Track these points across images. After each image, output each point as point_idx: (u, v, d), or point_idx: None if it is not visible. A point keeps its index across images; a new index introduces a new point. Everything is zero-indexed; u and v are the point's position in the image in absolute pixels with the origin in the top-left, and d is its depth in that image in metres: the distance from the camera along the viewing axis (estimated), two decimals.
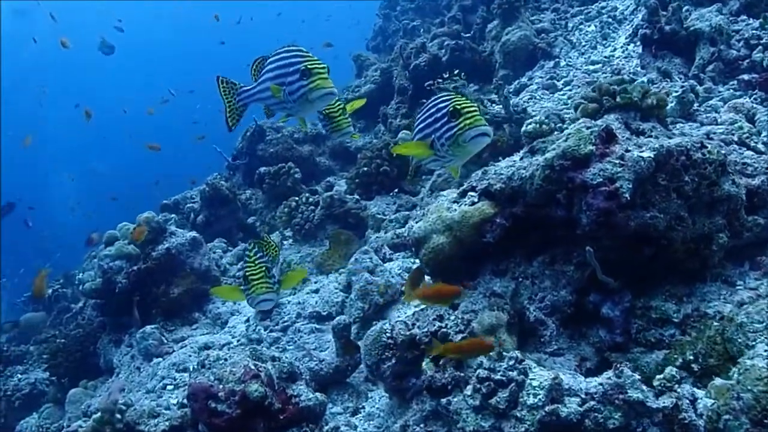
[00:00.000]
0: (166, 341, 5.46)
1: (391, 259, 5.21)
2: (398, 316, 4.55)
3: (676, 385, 2.92)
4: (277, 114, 3.24)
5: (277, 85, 2.91)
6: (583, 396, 2.95)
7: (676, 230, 3.23)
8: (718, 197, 3.34)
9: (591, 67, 5.57)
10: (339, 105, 3.51)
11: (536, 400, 2.90)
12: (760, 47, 4.59)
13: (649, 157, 3.14)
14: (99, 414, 4.58)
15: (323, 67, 2.82)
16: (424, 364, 3.30)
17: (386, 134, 6.90)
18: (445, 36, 7.11)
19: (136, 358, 5.54)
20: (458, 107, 2.44)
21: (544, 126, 3.47)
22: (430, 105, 2.61)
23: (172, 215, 6.20)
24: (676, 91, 4.28)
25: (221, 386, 3.61)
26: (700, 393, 2.88)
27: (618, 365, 2.94)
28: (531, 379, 2.97)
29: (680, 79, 4.73)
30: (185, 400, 4.65)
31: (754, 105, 4.13)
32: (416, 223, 3.66)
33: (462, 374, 3.21)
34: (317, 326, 5.07)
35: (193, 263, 5.83)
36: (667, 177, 3.22)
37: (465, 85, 5.89)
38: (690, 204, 3.30)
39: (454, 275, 3.62)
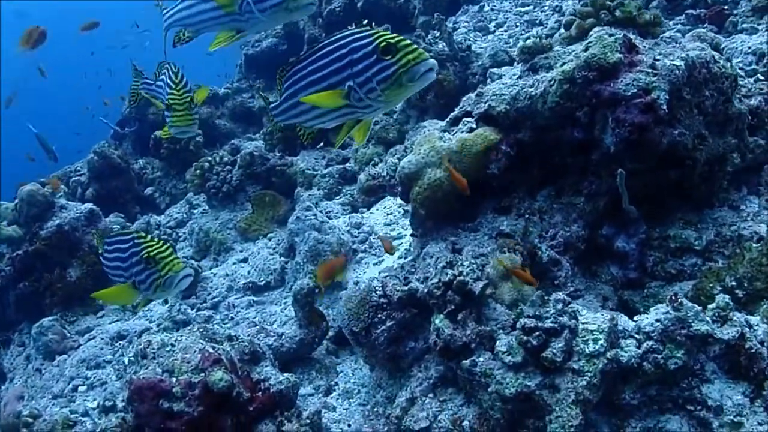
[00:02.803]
0: (69, 334, 4.31)
1: (329, 218, 4.42)
2: (358, 276, 3.80)
3: (731, 314, 2.46)
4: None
5: None
6: (638, 336, 2.40)
7: (699, 150, 2.76)
8: (731, 115, 2.92)
9: (522, 9, 5.09)
10: (186, 96, 2.82)
11: (597, 347, 2.30)
12: None
13: (682, 65, 2.63)
14: None
15: None
16: (437, 321, 2.59)
17: None
18: None
19: (33, 358, 4.34)
20: (391, 41, 1.80)
21: (543, 41, 2.85)
22: (335, 46, 1.91)
23: (61, 187, 4.99)
24: None
25: (174, 379, 2.68)
26: (754, 319, 2.44)
27: (674, 297, 2.42)
28: (584, 324, 2.37)
29: None
30: (115, 403, 3.64)
31: (716, 36, 3.78)
32: (403, 158, 2.92)
33: (487, 329, 2.55)
34: (255, 298, 4.19)
35: (91, 240, 4.67)
36: (691, 91, 2.73)
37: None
38: (707, 122, 2.85)
39: (450, 216, 2.93)
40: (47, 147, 5.88)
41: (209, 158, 4.94)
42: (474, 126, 2.88)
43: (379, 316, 2.83)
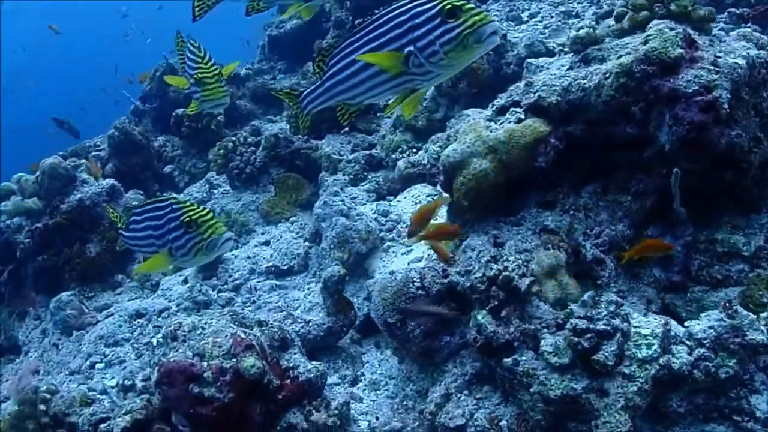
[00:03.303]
0: (87, 310, 4.20)
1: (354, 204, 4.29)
2: (385, 265, 3.68)
3: None
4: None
5: None
6: (689, 343, 2.30)
7: (754, 153, 2.63)
8: None
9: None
10: (215, 69, 2.71)
11: (650, 352, 2.21)
12: None
13: (744, 64, 2.50)
14: (17, 407, 3.34)
15: None
16: (480, 316, 2.48)
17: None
18: None
19: (49, 332, 4.23)
20: (456, 4, 1.78)
21: (597, 31, 2.71)
22: (394, 14, 1.88)
23: (83, 161, 4.87)
24: None
25: (205, 364, 2.58)
26: None
27: (728, 304, 2.31)
28: (636, 327, 2.26)
29: None
30: (134, 382, 3.54)
31: (761, 36, 3.65)
32: (447, 147, 2.79)
33: (531, 327, 2.44)
34: (277, 282, 4.08)
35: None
36: (750, 91, 2.60)
37: None
38: (762, 124, 2.72)
39: (492, 208, 2.81)
40: (67, 125, 5.73)
41: (233, 138, 4.81)
42: (522, 116, 2.76)
43: None
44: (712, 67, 2.44)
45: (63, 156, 6.02)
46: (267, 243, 4.40)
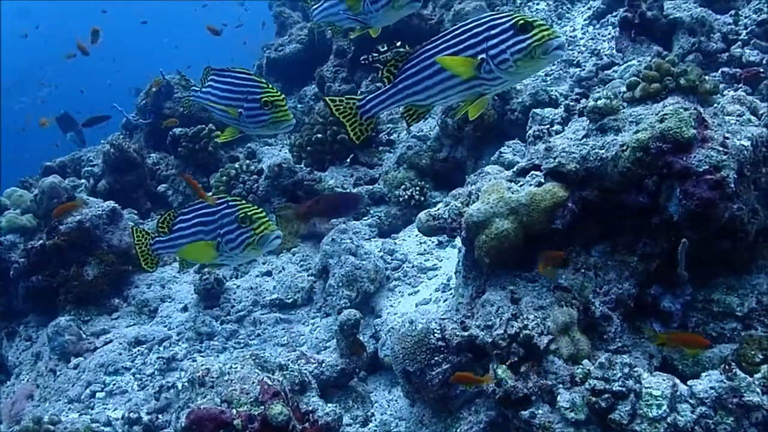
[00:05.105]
0: (84, 336, 4.30)
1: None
2: (392, 305, 3.91)
3: None
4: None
5: None
6: (692, 401, 2.58)
7: (752, 223, 2.96)
8: None
9: None
10: (279, 92, 2.91)
11: (660, 412, 2.48)
12: (739, 42, 4.52)
13: (748, 145, 2.82)
14: None
15: None
16: (500, 371, 2.73)
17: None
18: None
19: (44, 356, 4.31)
20: (528, 20, 2.16)
21: (614, 102, 3.00)
22: (471, 26, 2.24)
23: (82, 181, 4.92)
24: None
25: (234, 411, 2.77)
26: None
27: (728, 366, 2.61)
28: (648, 388, 2.54)
29: None
30: (140, 415, 3.67)
31: (754, 100, 3.99)
32: (471, 205, 3.04)
33: (548, 383, 2.70)
34: (281, 316, 4.26)
35: (111, 239, 4.67)
36: (751, 168, 2.92)
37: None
38: (758, 196, 3.05)
39: (508, 267, 3.07)
40: (75, 129, 5.75)
41: (236, 165, 4.97)
42: (542, 180, 3.02)
43: (436, 358, 2.95)
44: (721, 148, 2.75)
45: (50, 166, 6.09)
46: (269, 273, 4.57)
